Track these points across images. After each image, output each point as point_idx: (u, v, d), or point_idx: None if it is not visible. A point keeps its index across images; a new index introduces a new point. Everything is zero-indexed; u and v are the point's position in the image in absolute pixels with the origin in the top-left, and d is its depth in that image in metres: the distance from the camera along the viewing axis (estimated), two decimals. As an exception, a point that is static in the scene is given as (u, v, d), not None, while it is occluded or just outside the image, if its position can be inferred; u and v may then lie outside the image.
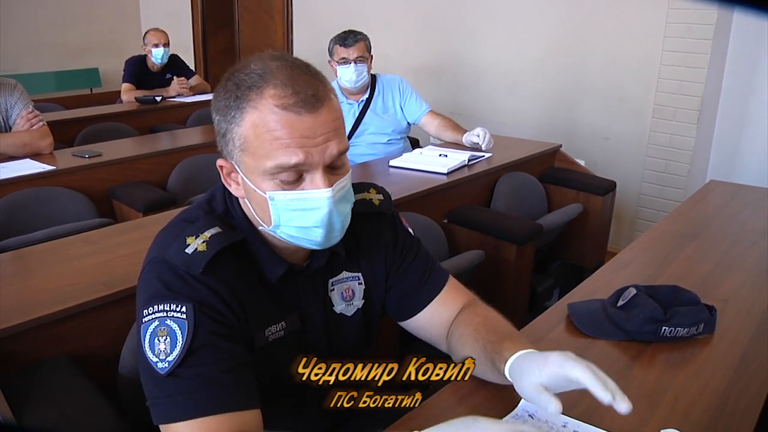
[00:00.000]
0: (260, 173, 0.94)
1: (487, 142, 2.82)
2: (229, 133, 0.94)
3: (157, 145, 3.17)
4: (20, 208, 2.28)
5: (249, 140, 0.92)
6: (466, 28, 4.32)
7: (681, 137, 3.49)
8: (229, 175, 1.00)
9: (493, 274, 2.29)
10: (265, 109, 0.90)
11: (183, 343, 0.90)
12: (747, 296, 1.50)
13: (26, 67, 5.69)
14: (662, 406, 1.08)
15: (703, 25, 3.30)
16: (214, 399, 0.89)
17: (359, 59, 2.88)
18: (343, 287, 1.15)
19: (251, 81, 0.92)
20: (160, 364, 0.90)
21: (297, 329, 1.09)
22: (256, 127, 0.91)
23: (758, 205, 2.20)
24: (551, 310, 1.42)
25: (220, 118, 0.96)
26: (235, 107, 0.93)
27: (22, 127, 2.68)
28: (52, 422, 1.15)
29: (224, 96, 0.95)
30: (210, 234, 0.98)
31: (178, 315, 0.92)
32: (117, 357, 1.35)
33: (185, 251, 0.96)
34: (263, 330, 1.04)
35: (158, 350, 0.91)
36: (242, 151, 0.94)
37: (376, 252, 1.18)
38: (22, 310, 1.32)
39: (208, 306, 0.94)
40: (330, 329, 1.14)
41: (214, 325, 0.93)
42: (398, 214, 1.24)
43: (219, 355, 0.92)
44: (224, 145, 0.97)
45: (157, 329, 0.92)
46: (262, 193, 0.95)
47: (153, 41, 4.33)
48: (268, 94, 0.91)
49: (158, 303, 0.93)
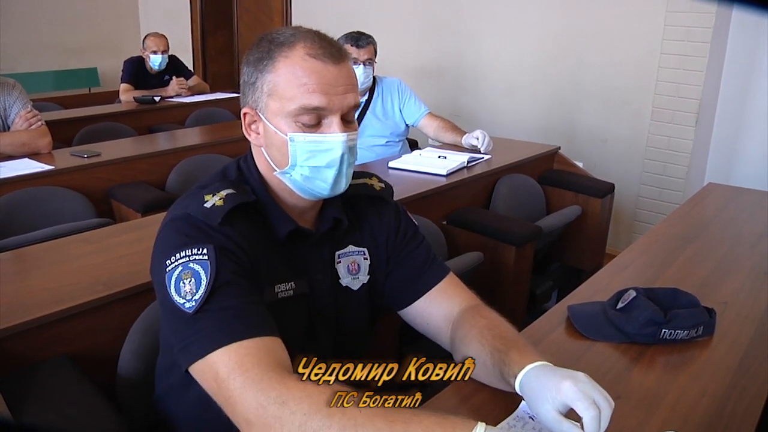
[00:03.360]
0: (284, 115, 1.04)
1: (486, 144, 2.82)
2: (259, 80, 1.05)
3: (155, 146, 3.16)
4: (18, 208, 2.27)
5: (278, 84, 1.03)
6: (465, 30, 4.33)
7: (679, 140, 3.50)
8: (250, 126, 1.10)
9: (492, 275, 2.29)
10: (296, 57, 1.02)
11: (207, 281, 0.95)
12: (746, 299, 1.51)
13: (25, 66, 5.68)
14: (662, 409, 1.08)
15: (701, 29, 3.31)
16: (243, 326, 0.93)
17: (367, 61, 2.87)
18: (349, 261, 1.20)
19: (284, 38, 1.04)
20: (187, 305, 0.94)
21: (305, 292, 1.13)
22: (287, 73, 1.02)
23: (756, 208, 2.21)
24: (551, 312, 1.42)
25: (251, 70, 1.06)
26: (268, 57, 1.04)
27: (20, 127, 2.68)
28: (51, 423, 1.15)
29: (257, 50, 1.06)
30: (226, 193, 1.06)
31: (200, 257, 0.97)
32: (116, 357, 1.35)
33: (204, 205, 1.03)
34: (273, 286, 1.09)
35: (184, 292, 0.95)
36: (269, 96, 1.04)
37: (379, 233, 1.23)
38: (21, 310, 1.32)
39: (227, 249, 1.00)
40: (337, 300, 1.19)
41: (234, 266, 0.99)
42: (403, 207, 1.30)
43: (242, 290, 0.97)
44: (251, 93, 1.07)
45: (182, 273, 0.96)
46: (283, 134, 1.05)
47: (152, 47, 4.32)
48: (299, 46, 1.03)
49: (180, 250, 0.98)
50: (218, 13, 6.13)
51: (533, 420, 1.03)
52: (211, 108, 4.20)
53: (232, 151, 2.98)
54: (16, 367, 1.28)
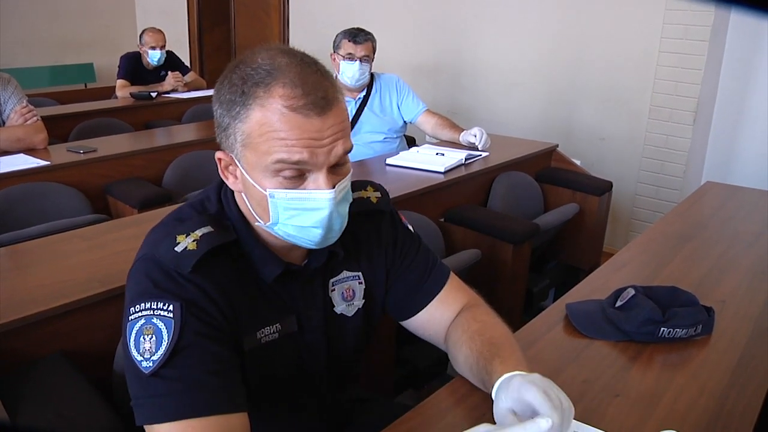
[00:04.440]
0: (261, 169, 0.91)
1: (484, 141, 2.82)
2: (232, 128, 0.92)
3: (152, 142, 3.15)
4: (14, 204, 2.26)
5: (253, 137, 0.90)
6: (464, 27, 4.32)
7: (677, 138, 3.50)
8: (227, 168, 0.98)
9: (490, 273, 2.28)
10: (272, 108, 0.88)
11: (168, 342, 0.88)
12: (744, 297, 1.51)
13: (20, 61, 5.66)
14: (660, 407, 1.08)
15: (699, 27, 3.30)
16: (198, 401, 0.86)
17: (365, 58, 2.87)
18: (344, 287, 1.12)
19: (258, 77, 0.89)
20: (144, 363, 0.88)
21: (293, 332, 1.05)
22: (262, 126, 0.88)
23: (754, 207, 2.21)
24: (549, 310, 1.42)
25: (223, 112, 0.93)
26: (241, 103, 0.90)
27: (15, 122, 2.67)
28: (47, 420, 1.14)
29: (229, 89, 0.91)
30: (201, 233, 0.95)
31: (164, 314, 0.89)
32: (112, 354, 1.34)
33: (175, 249, 0.93)
34: (254, 332, 1.01)
35: (143, 349, 0.88)
36: (244, 147, 0.91)
37: (377, 251, 1.16)
38: (16, 307, 1.31)
39: (195, 306, 0.91)
40: (330, 330, 1.11)
41: (200, 326, 0.90)
42: (397, 212, 1.22)
43: (205, 356, 0.89)
44: (225, 138, 0.94)
45: (143, 327, 0.89)
46: (261, 189, 0.93)
47: (150, 43, 4.30)
48: (276, 93, 0.88)
49: (145, 301, 0.91)
50: (215, 9, 6.11)
51: (532, 418, 1.02)
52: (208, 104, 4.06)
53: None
54: (11, 364, 1.27)
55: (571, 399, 0.94)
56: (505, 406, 0.94)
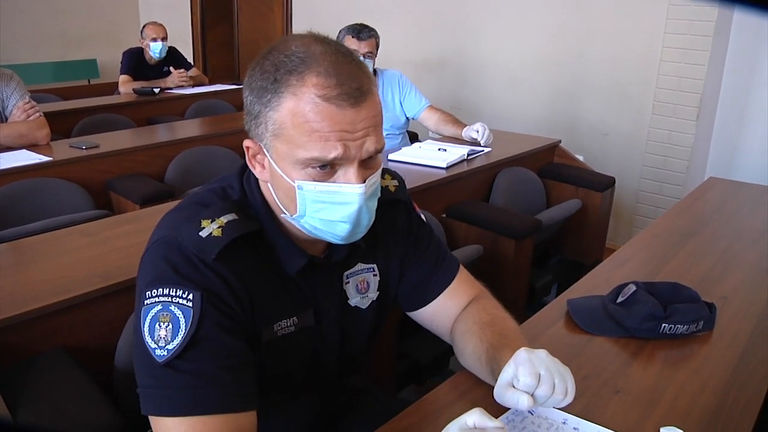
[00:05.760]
0: (292, 161, 0.89)
1: (486, 137, 2.81)
2: (263, 116, 0.89)
3: (155, 137, 3.15)
4: (16, 200, 2.26)
5: (285, 127, 0.87)
6: (467, 22, 4.31)
7: (680, 134, 3.48)
8: (255, 157, 0.95)
9: (492, 269, 2.28)
10: (305, 98, 0.85)
11: (186, 332, 0.85)
12: (746, 294, 1.50)
13: (23, 57, 5.66)
14: (662, 404, 1.07)
15: (703, 22, 3.29)
16: (209, 398, 0.84)
17: (368, 54, 2.87)
18: (358, 279, 1.11)
19: (292, 65, 0.87)
20: (158, 351, 0.85)
21: (309, 326, 1.04)
22: (294, 116, 0.86)
23: (757, 203, 2.20)
24: (551, 306, 1.42)
25: (254, 99, 0.90)
26: (273, 90, 0.87)
27: (18, 118, 2.67)
28: (47, 416, 1.14)
29: (261, 76, 0.89)
30: (226, 220, 0.93)
31: (183, 302, 0.87)
32: (113, 350, 1.34)
33: (199, 234, 0.90)
34: (272, 325, 0.99)
35: (158, 336, 0.85)
36: (275, 137, 0.89)
37: (393, 241, 1.14)
38: (18, 302, 1.31)
39: (216, 296, 0.89)
40: (344, 323, 1.10)
41: (220, 318, 0.88)
42: (411, 200, 1.21)
43: (221, 350, 0.87)
44: (254, 127, 0.91)
45: (160, 314, 0.86)
46: (290, 181, 0.90)
47: (151, 35, 4.30)
48: (310, 82, 0.85)
49: (164, 286, 0.88)
50: (218, 5, 6.11)
51: (532, 414, 1.02)
52: (211, 100, 4.19)
53: (231, 143, 2.97)
54: (12, 360, 1.27)
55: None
56: (506, 378, 0.96)
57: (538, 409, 1.03)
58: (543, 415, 1.02)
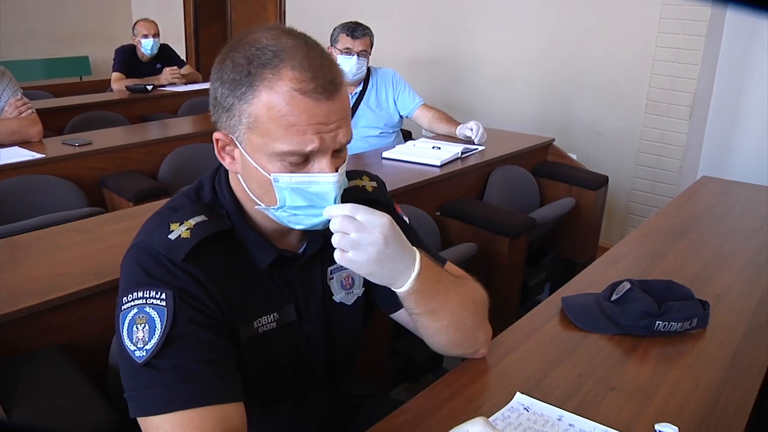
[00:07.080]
0: (267, 153, 0.90)
1: (480, 135, 2.82)
2: (236, 108, 0.90)
3: (148, 135, 3.14)
4: (9, 197, 2.25)
5: (260, 120, 0.88)
6: (461, 21, 4.31)
7: (673, 133, 3.50)
8: (224, 149, 0.96)
9: (486, 267, 2.29)
10: (281, 91, 0.86)
11: (162, 331, 0.86)
12: (740, 292, 1.51)
13: (16, 54, 5.63)
14: (655, 401, 1.08)
15: (696, 22, 3.30)
16: (192, 392, 0.85)
17: (362, 53, 2.86)
18: (343, 275, 1.11)
19: (266, 58, 0.88)
20: (137, 353, 0.86)
21: (291, 321, 1.04)
22: (270, 109, 0.87)
23: (750, 202, 2.21)
24: (545, 304, 1.42)
25: (226, 92, 0.90)
26: (247, 83, 0.88)
27: (10, 115, 2.66)
28: (42, 413, 1.14)
29: (233, 69, 0.89)
30: (195, 222, 0.95)
31: (157, 302, 0.88)
32: (107, 347, 1.34)
33: (168, 237, 0.93)
34: (251, 321, 1.00)
35: (136, 338, 0.87)
36: (250, 129, 0.90)
37: None
38: (11, 300, 1.30)
39: (188, 294, 0.90)
40: (328, 319, 1.10)
41: (194, 314, 0.90)
42: (393, 203, 1.20)
43: (199, 345, 0.88)
44: (226, 119, 0.92)
45: (136, 317, 0.88)
46: (265, 173, 0.91)
47: (142, 32, 4.28)
48: (286, 76, 0.87)
49: (137, 290, 0.90)
50: (211, 3, 6.08)
51: (528, 411, 1.03)
52: (204, 97, 4.17)
53: (225, 140, 2.96)
54: (6, 357, 1.27)
55: (567, 392, 0.94)
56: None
57: (533, 407, 1.04)
58: (538, 412, 1.03)
